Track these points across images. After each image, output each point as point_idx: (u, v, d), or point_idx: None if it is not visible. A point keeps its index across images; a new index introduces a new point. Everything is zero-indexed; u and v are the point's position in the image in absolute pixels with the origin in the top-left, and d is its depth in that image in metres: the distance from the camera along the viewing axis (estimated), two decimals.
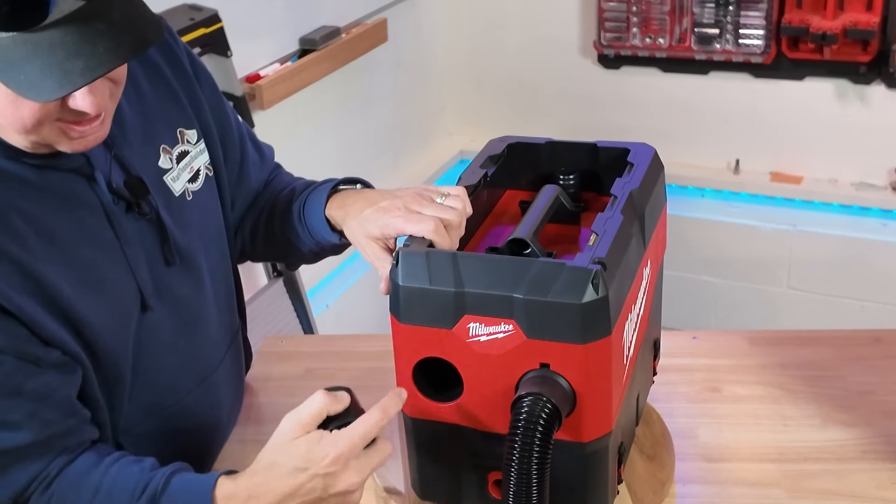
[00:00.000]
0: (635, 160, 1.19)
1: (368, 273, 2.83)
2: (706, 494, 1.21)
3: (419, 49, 3.23)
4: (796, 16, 2.80)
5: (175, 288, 1.19)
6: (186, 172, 1.22)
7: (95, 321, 1.09)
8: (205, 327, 1.26)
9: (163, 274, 1.17)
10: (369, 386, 1.47)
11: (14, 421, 1.03)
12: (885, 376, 1.40)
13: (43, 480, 1.06)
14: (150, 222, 1.16)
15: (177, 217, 1.19)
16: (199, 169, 1.24)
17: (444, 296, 1.00)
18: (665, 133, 3.06)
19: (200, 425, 1.28)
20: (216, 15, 2.11)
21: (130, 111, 1.16)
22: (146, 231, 1.15)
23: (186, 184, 1.22)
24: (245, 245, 1.40)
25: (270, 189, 1.39)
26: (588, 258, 0.98)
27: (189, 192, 1.22)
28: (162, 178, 1.19)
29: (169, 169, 1.20)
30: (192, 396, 1.24)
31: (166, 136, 1.21)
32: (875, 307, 2.98)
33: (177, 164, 1.21)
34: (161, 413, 1.21)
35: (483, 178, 1.19)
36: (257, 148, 1.40)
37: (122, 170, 1.13)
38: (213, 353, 1.29)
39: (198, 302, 1.23)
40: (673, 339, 1.38)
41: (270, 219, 1.35)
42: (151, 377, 1.18)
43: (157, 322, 1.17)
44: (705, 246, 3.12)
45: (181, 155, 1.22)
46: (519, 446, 0.94)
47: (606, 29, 3.06)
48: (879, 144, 2.92)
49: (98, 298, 1.09)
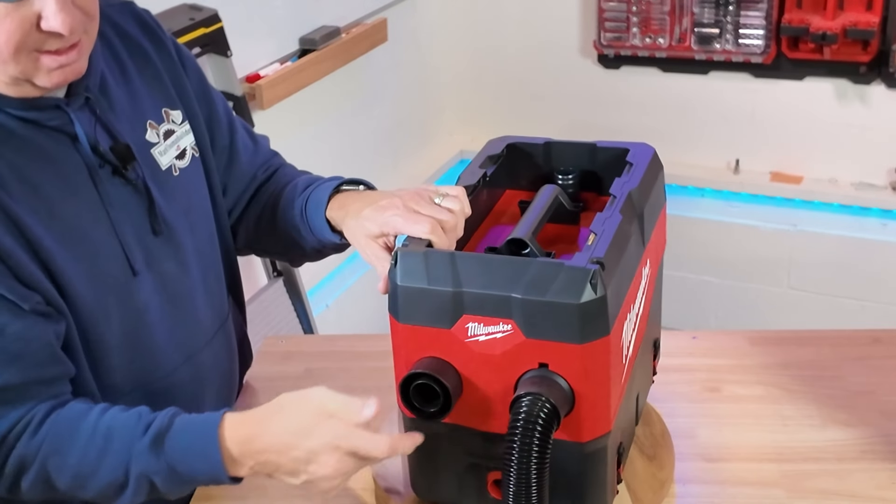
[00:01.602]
0: (634, 160, 1.19)
1: (368, 273, 2.82)
2: (706, 494, 1.21)
3: (419, 49, 3.23)
4: (796, 16, 2.80)
5: (162, 260, 1.21)
6: (174, 149, 1.25)
7: (75, 277, 1.10)
8: (191, 305, 1.26)
9: (151, 244, 1.19)
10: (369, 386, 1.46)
11: None
12: (884, 376, 1.40)
13: (28, 424, 1.06)
14: (137, 190, 1.18)
15: (163, 189, 1.21)
16: (185, 148, 1.27)
17: (443, 296, 1.00)
18: (665, 133, 3.06)
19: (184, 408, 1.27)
20: (216, 15, 2.11)
21: (117, 87, 1.20)
22: (132, 198, 1.17)
23: (174, 160, 1.24)
24: (250, 237, 1.41)
25: (274, 182, 1.40)
26: (586, 258, 0.98)
27: (176, 168, 1.25)
28: (149, 151, 1.21)
29: (156, 143, 1.23)
30: (178, 374, 1.25)
31: (152, 113, 1.23)
32: (875, 307, 2.98)
33: (164, 140, 1.24)
34: (147, 387, 1.22)
35: (482, 178, 1.19)
36: (250, 136, 1.42)
37: (108, 135, 1.16)
38: (199, 334, 1.29)
39: (182, 278, 1.24)
40: (673, 339, 1.38)
41: (273, 213, 1.35)
42: (138, 347, 1.19)
43: (146, 291, 1.18)
44: (705, 246, 3.12)
45: (168, 133, 1.24)
46: (518, 446, 0.94)
47: (606, 29, 3.06)
48: (879, 144, 2.92)
49: (79, 255, 1.11)
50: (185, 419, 1.07)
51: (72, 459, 1.07)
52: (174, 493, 1.09)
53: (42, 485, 1.08)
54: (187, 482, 1.08)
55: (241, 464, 1.05)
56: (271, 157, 1.44)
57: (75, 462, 1.07)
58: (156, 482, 1.06)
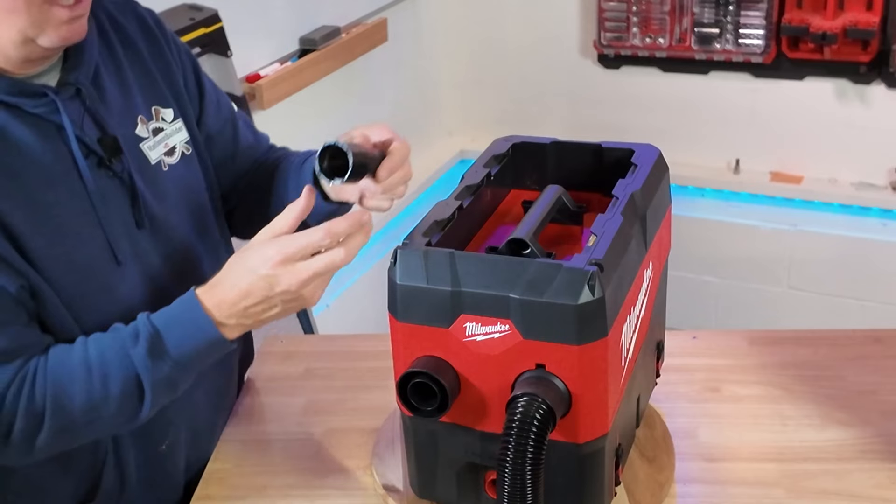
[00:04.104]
0: (639, 161, 1.19)
1: (368, 273, 2.83)
2: (706, 494, 1.21)
3: (419, 49, 3.23)
4: (796, 15, 2.79)
5: (148, 252, 1.22)
6: (162, 146, 1.26)
7: (51, 262, 1.11)
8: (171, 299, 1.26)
9: (136, 237, 1.20)
10: (369, 385, 1.47)
11: None
12: (885, 376, 1.40)
13: (23, 381, 1.08)
14: (122, 183, 1.18)
15: (150, 184, 1.22)
16: (174, 146, 1.27)
17: (441, 295, 1.00)
18: (665, 133, 3.06)
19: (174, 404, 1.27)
20: (216, 15, 2.11)
21: (109, 80, 1.21)
22: (117, 190, 1.18)
23: (162, 156, 1.25)
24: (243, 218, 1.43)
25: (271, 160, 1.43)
26: (585, 259, 0.98)
27: (164, 164, 1.26)
28: (138, 145, 1.22)
29: (146, 138, 1.24)
30: None
31: (143, 109, 1.25)
32: (875, 307, 2.98)
33: (153, 136, 1.25)
34: None
35: (486, 177, 1.19)
36: (252, 131, 1.45)
37: (97, 127, 1.16)
38: None
39: (168, 272, 1.24)
40: (673, 339, 1.38)
41: (270, 180, 1.38)
42: None
43: (130, 283, 1.19)
44: (705, 246, 3.11)
45: (156, 130, 1.26)
46: (513, 446, 0.94)
47: (606, 29, 3.06)
48: (879, 144, 2.91)
49: (56, 241, 1.11)
50: (163, 315, 1.13)
51: (78, 396, 1.09)
52: (187, 380, 1.15)
53: (59, 434, 1.10)
54: (195, 363, 1.14)
55: (228, 326, 1.12)
56: (269, 147, 1.47)
57: (84, 396, 1.09)
58: (172, 378, 1.12)
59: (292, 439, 1.34)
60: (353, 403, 1.38)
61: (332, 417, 1.37)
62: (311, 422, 1.37)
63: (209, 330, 1.11)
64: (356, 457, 1.29)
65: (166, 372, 1.11)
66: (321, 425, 1.36)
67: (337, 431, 1.34)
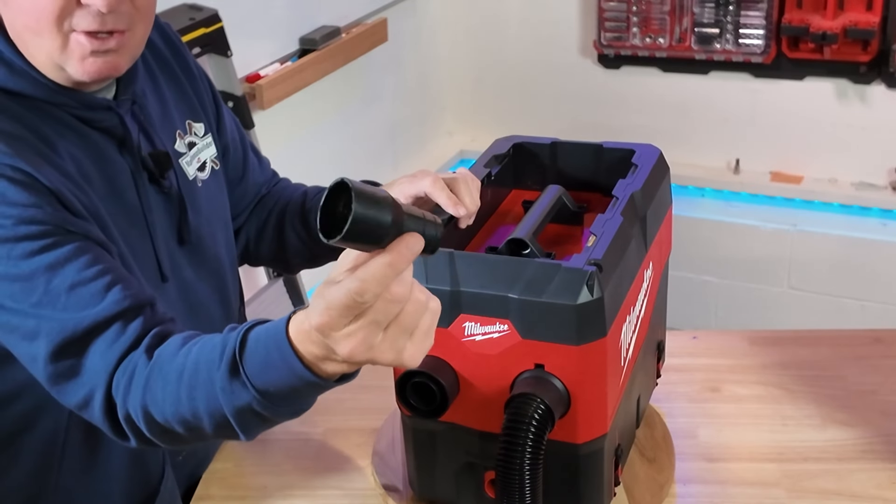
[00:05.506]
0: (640, 161, 1.19)
1: None
2: (706, 494, 1.21)
3: (419, 49, 3.23)
4: (796, 16, 2.79)
5: (183, 268, 1.21)
6: (196, 161, 1.25)
7: None
8: (206, 314, 1.26)
9: (174, 252, 1.19)
10: (369, 385, 1.46)
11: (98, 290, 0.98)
12: (885, 376, 1.40)
13: (119, 382, 0.97)
14: (170, 198, 1.18)
15: (190, 199, 1.21)
16: (205, 161, 1.27)
17: (441, 294, 0.99)
18: (665, 133, 3.06)
19: None
20: (216, 15, 2.11)
21: (150, 94, 1.20)
22: (166, 205, 1.18)
23: (196, 171, 1.25)
24: (249, 245, 1.41)
25: (276, 192, 1.41)
26: (584, 259, 0.98)
27: (199, 180, 1.25)
28: (178, 160, 1.21)
29: (183, 153, 1.23)
30: None
31: (179, 123, 1.24)
32: (875, 307, 2.98)
33: (189, 151, 1.24)
34: None
35: (486, 177, 1.19)
36: (256, 153, 1.44)
37: (148, 142, 1.16)
38: None
39: (201, 287, 1.24)
40: (673, 339, 1.38)
41: (281, 218, 1.37)
42: None
43: (171, 299, 1.18)
44: (705, 246, 3.11)
45: (190, 144, 1.25)
46: (511, 446, 0.94)
47: (606, 29, 3.06)
48: (879, 144, 2.91)
49: (113, 254, 1.09)
50: (256, 332, 0.92)
51: (169, 408, 0.94)
52: (283, 414, 0.92)
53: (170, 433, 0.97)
54: (287, 399, 0.90)
55: (323, 362, 0.86)
56: (273, 174, 1.46)
57: (173, 410, 0.94)
58: (256, 410, 0.90)
59: (292, 439, 1.34)
60: (353, 403, 1.38)
61: (332, 417, 1.37)
62: (311, 422, 1.37)
63: (303, 375, 0.88)
64: (356, 457, 1.29)
65: (244, 398, 0.91)
66: (321, 425, 1.36)
67: (337, 431, 1.34)
